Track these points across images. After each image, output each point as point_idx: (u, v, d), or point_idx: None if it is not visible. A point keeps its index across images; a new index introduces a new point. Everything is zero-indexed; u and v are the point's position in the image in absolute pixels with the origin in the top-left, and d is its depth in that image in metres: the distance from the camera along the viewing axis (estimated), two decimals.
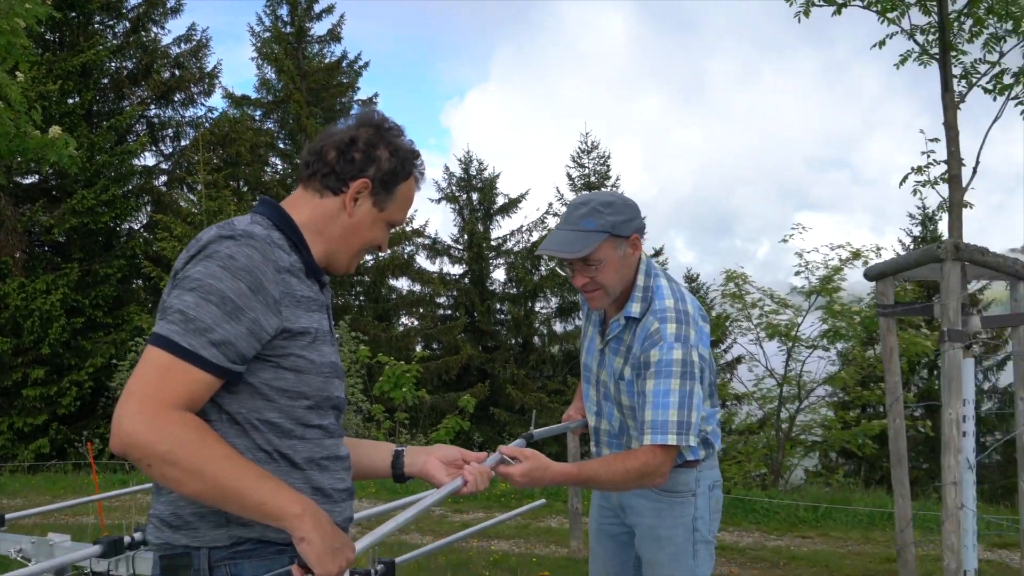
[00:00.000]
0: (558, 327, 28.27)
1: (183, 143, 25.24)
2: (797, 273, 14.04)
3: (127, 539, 3.34)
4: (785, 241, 14.31)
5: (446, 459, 2.45)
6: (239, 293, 1.85)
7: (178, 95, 25.06)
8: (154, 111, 25.04)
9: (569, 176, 28.34)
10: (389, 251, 19.97)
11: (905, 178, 12.03)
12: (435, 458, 2.44)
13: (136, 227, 24.25)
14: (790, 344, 14.06)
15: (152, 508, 2.01)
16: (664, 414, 2.74)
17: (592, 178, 27.88)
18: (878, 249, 13.62)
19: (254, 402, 1.92)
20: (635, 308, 2.92)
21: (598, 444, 3.17)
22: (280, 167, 27.80)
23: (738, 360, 18.41)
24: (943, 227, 25.07)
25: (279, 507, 1.81)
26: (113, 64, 23.71)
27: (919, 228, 26.44)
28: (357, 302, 27.05)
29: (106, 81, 23.43)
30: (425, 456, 2.45)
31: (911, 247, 25.54)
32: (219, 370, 1.83)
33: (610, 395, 3.05)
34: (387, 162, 2.11)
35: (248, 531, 1.93)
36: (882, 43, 11.62)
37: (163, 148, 25.33)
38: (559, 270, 25.51)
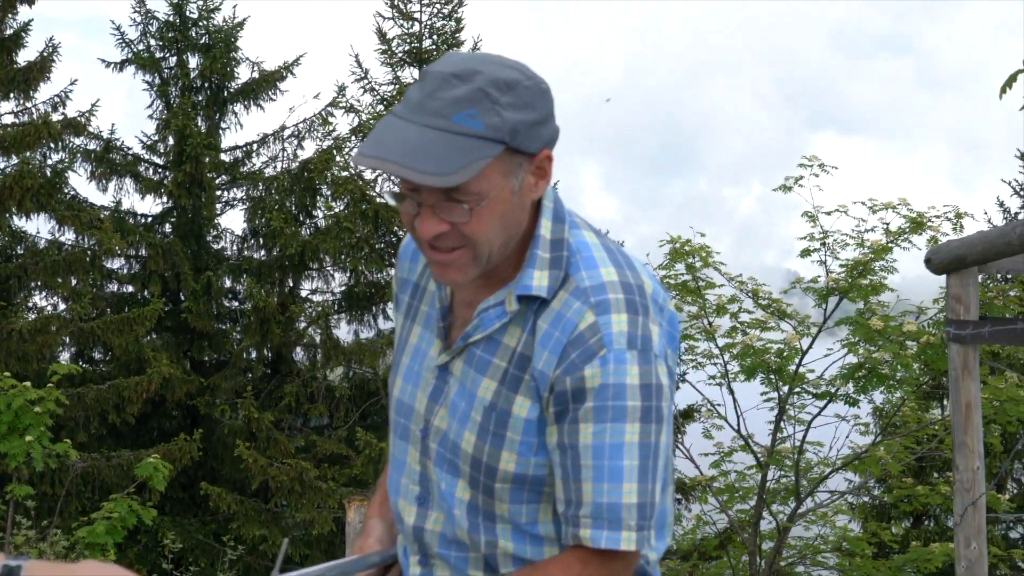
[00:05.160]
0: (344, 329, 20.35)
1: None
2: (806, 253, 11.02)
3: None
4: (787, 189, 11.02)
5: None
6: None
7: None
8: None
9: (382, 34, 18.91)
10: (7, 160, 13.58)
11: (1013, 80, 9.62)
12: None
13: None
14: (786, 388, 11.06)
15: None
16: (616, 492, 1.81)
17: (429, 41, 19.04)
18: (959, 216, 10.68)
19: None
20: (537, 278, 1.84)
21: (424, 559, 2.07)
22: None
23: (689, 414, 13.65)
24: None
25: None
26: None
27: None
28: None
29: None
30: None
31: (1016, 216, 20.96)
32: None
33: (444, 459, 1.97)
34: None
35: None
36: None
37: None
38: (386, 197, 18.26)
